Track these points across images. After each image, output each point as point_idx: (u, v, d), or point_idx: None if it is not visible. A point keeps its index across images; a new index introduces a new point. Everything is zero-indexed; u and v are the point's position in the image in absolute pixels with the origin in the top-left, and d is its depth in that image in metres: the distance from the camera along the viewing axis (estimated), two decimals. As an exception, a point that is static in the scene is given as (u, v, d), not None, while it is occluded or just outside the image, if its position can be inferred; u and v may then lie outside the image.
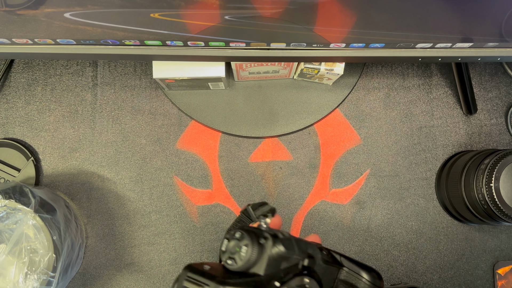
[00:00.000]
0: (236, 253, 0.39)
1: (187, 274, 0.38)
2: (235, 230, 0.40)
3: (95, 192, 0.81)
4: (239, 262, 0.38)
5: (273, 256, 0.39)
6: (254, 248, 0.38)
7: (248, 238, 0.39)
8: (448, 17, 0.54)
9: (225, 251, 0.39)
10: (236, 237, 0.39)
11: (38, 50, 0.61)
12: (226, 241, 0.40)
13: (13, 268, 0.64)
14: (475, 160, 0.73)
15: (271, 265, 0.39)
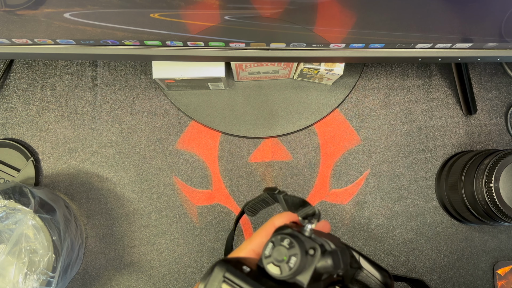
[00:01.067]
0: (283, 261, 0.36)
1: (225, 274, 0.36)
2: (282, 236, 0.37)
3: (95, 192, 0.81)
4: (285, 273, 0.36)
5: (318, 269, 0.37)
6: (303, 259, 0.36)
7: (298, 248, 0.36)
8: (447, 17, 0.54)
9: (268, 256, 0.37)
10: (284, 244, 0.37)
11: (37, 50, 0.61)
12: (271, 245, 0.37)
13: (12, 268, 0.64)
14: (475, 161, 0.73)
15: (314, 277, 0.37)
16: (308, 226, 0.39)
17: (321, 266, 0.37)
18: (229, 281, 0.35)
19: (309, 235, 0.38)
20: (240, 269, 0.36)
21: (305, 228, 0.39)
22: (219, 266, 0.36)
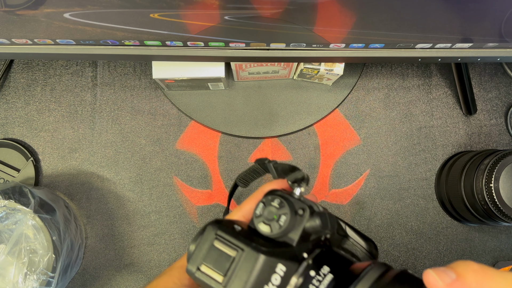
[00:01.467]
0: (273, 220, 0.38)
1: (217, 232, 0.37)
2: (272, 196, 0.39)
3: (95, 193, 0.81)
4: (275, 231, 0.37)
5: (307, 229, 0.38)
6: (292, 218, 0.37)
7: (288, 207, 0.38)
8: (447, 17, 0.54)
9: (259, 216, 0.38)
10: (274, 204, 0.38)
11: (37, 51, 0.61)
12: (262, 205, 0.38)
13: (12, 269, 0.64)
14: (474, 161, 0.73)
15: (303, 237, 0.38)
16: (298, 189, 0.41)
17: (309, 226, 0.38)
18: (221, 238, 0.36)
19: (299, 198, 0.40)
20: (231, 227, 0.37)
21: (294, 191, 0.41)
22: (211, 225, 0.37)
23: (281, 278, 0.36)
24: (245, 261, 0.35)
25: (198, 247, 0.37)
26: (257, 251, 0.35)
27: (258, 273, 0.35)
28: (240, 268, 0.35)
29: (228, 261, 0.35)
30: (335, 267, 0.38)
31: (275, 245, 0.37)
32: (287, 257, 0.37)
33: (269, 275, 0.35)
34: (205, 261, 0.36)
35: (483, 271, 0.36)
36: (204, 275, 0.36)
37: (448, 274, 0.35)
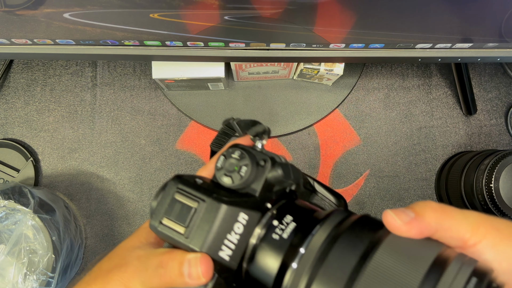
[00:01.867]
0: (234, 172, 0.38)
1: (178, 185, 0.37)
2: (233, 148, 0.39)
3: (95, 193, 0.81)
4: (236, 181, 0.37)
5: (269, 179, 0.39)
6: (253, 169, 0.38)
7: (248, 158, 0.38)
8: (447, 17, 0.54)
9: (221, 168, 0.38)
10: (235, 156, 0.38)
11: (37, 51, 0.61)
12: (222, 158, 0.39)
13: (12, 269, 0.64)
14: (474, 161, 0.73)
15: (265, 187, 0.38)
16: (259, 142, 0.41)
17: (272, 176, 0.38)
18: (182, 191, 0.36)
19: (261, 150, 0.40)
20: (193, 181, 0.37)
21: (256, 144, 0.41)
22: (172, 180, 0.37)
23: (243, 227, 0.37)
24: (206, 212, 0.35)
25: (159, 202, 0.37)
26: (219, 201, 0.35)
27: (220, 222, 0.35)
28: (202, 218, 0.35)
29: (189, 212, 0.36)
30: (298, 216, 0.39)
31: (238, 195, 0.38)
32: (249, 206, 0.37)
33: (231, 224, 0.36)
34: (166, 214, 0.36)
35: (442, 209, 0.36)
36: (167, 228, 0.36)
37: (407, 213, 0.35)
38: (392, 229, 0.35)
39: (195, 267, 0.35)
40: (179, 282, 0.36)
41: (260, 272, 0.37)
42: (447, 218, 0.36)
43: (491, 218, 0.37)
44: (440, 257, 0.32)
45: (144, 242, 0.42)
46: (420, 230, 0.35)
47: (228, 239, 0.36)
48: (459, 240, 0.36)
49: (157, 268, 0.37)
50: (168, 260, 0.37)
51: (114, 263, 0.41)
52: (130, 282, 0.38)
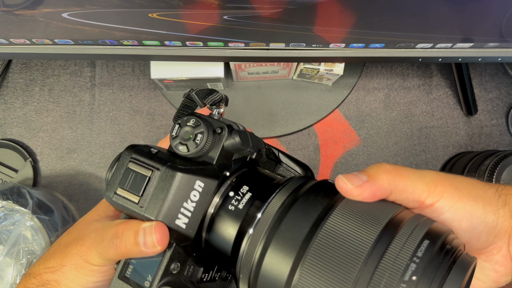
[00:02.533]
0: (189, 140, 0.37)
1: (132, 155, 0.36)
2: (188, 117, 0.39)
3: (93, 193, 0.80)
4: (192, 149, 0.37)
5: (227, 147, 0.39)
6: (210, 136, 0.38)
7: (203, 126, 0.38)
8: (448, 17, 0.54)
9: (175, 137, 0.38)
10: (190, 124, 0.38)
11: (36, 50, 0.61)
12: (177, 126, 0.38)
13: (10, 270, 0.64)
14: (475, 161, 0.73)
15: (223, 155, 0.38)
16: (216, 110, 0.41)
17: (229, 144, 0.39)
18: (136, 161, 0.36)
19: (218, 118, 0.40)
20: (147, 151, 0.37)
21: (213, 113, 0.41)
22: (126, 150, 0.37)
23: (200, 195, 0.36)
24: (161, 180, 0.35)
25: (114, 173, 0.37)
26: (173, 169, 0.35)
27: (175, 190, 0.35)
28: (157, 187, 0.35)
29: (143, 181, 0.35)
30: (256, 185, 0.39)
31: (194, 164, 0.37)
32: (205, 174, 0.37)
33: (187, 192, 0.36)
34: (121, 184, 0.36)
35: (396, 170, 0.35)
36: (121, 198, 0.36)
37: (359, 176, 0.35)
38: (344, 193, 0.34)
39: (150, 235, 0.35)
40: (135, 251, 0.36)
41: (219, 240, 0.37)
42: (401, 178, 0.35)
43: (449, 176, 0.36)
44: (394, 219, 0.32)
45: (102, 215, 0.42)
46: (373, 193, 0.34)
47: (184, 207, 0.36)
48: (415, 201, 0.35)
49: (112, 239, 0.37)
50: (124, 230, 0.37)
51: (72, 237, 0.41)
52: (88, 254, 0.38)
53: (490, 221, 0.35)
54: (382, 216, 0.32)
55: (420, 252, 0.30)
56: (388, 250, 0.30)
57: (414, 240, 0.30)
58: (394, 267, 0.29)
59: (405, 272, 0.29)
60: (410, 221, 0.32)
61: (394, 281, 0.29)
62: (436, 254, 0.30)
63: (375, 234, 0.31)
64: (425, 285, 0.29)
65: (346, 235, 0.32)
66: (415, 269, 0.29)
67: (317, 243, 0.32)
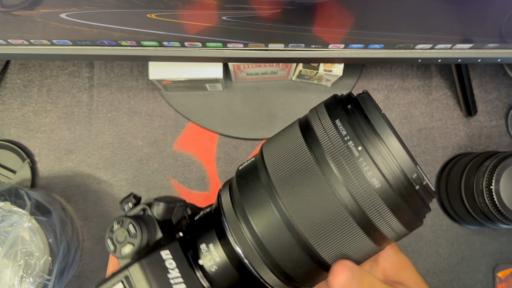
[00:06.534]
0: (126, 238, 0.37)
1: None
2: (109, 228, 0.38)
3: (91, 194, 0.80)
4: (136, 242, 0.36)
5: (160, 216, 0.39)
6: (139, 223, 0.37)
7: (127, 220, 0.37)
8: (448, 18, 0.54)
9: (115, 246, 0.37)
10: (115, 228, 0.37)
11: (34, 51, 0.60)
12: (109, 241, 0.37)
13: (8, 271, 0.63)
14: (475, 162, 0.73)
15: (164, 227, 0.39)
16: (126, 206, 0.41)
17: (159, 213, 0.39)
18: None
19: (129, 210, 0.40)
20: (103, 278, 0.37)
21: (125, 208, 0.41)
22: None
23: (173, 260, 0.37)
24: (134, 279, 0.35)
25: None
26: (134, 262, 0.35)
27: (151, 275, 0.35)
28: (137, 285, 0.35)
29: None
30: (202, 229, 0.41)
31: (148, 247, 0.38)
32: (162, 245, 0.37)
33: (162, 266, 0.36)
34: None
35: None
36: None
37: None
38: (331, 280, 0.35)
39: None
40: None
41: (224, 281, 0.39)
42: None
43: None
44: (301, 121, 0.38)
45: None
46: None
47: (172, 279, 0.36)
48: None
49: None
50: None
51: None
52: None
53: None
54: (294, 125, 0.38)
55: (342, 130, 0.34)
56: (322, 145, 0.34)
57: (328, 124, 0.35)
58: (340, 154, 0.33)
59: (351, 151, 0.33)
60: (310, 113, 0.37)
61: (353, 162, 0.33)
62: (350, 117, 0.34)
63: (301, 140, 0.36)
64: (371, 145, 0.33)
65: (287, 160, 0.36)
66: (353, 142, 0.33)
67: (274, 178, 0.36)
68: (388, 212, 0.33)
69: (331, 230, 0.34)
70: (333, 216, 0.33)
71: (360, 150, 0.33)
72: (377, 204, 0.33)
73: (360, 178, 0.33)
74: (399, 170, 0.33)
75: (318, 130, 0.35)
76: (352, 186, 0.33)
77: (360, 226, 0.33)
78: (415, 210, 0.34)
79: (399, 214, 0.33)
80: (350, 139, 0.33)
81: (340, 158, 0.33)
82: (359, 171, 0.32)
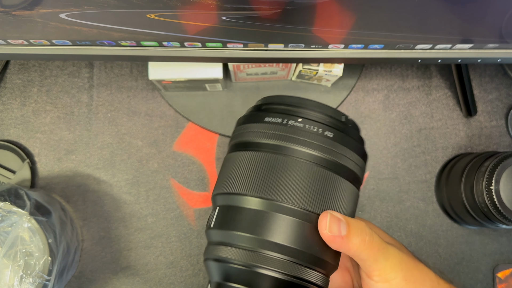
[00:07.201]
0: None
1: None
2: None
3: (91, 195, 0.80)
4: None
5: None
6: None
7: None
8: (448, 18, 0.54)
9: None
10: None
11: (33, 51, 0.60)
12: None
13: (8, 271, 0.63)
14: (475, 163, 0.73)
15: None
16: None
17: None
18: None
19: None
20: None
21: None
22: None
23: None
24: None
25: None
26: None
27: None
28: None
29: None
30: None
31: None
32: None
33: None
34: None
35: (370, 243, 0.40)
36: None
37: (340, 227, 0.39)
38: (319, 229, 0.39)
39: None
40: None
41: None
42: (369, 253, 0.40)
43: (409, 266, 0.42)
44: None
45: None
46: (338, 247, 0.39)
47: None
48: (365, 271, 0.41)
49: None
50: None
51: None
52: None
53: None
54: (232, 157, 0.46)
55: (276, 119, 0.43)
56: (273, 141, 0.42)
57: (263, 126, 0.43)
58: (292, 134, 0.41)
59: (296, 127, 0.42)
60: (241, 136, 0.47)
61: (305, 132, 0.41)
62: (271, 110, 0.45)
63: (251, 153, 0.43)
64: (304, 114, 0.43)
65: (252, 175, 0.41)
66: (292, 120, 0.42)
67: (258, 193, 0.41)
68: (346, 149, 0.42)
69: (320, 190, 0.40)
70: (317, 178, 0.40)
71: (300, 121, 0.41)
72: (338, 148, 0.41)
73: (319, 139, 0.41)
74: (332, 118, 0.43)
75: (260, 135, 0.42)
76: (319, 148, 0.40)
77: (334, 172, 0.41)
78: (355, 138, 0.44)
79: (351, 147, 0.42)
80: (287, 120, 0.41)
81: (294, 136, 0.41)
82: (314, 134, 0.41)
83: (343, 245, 0.39)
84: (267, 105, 0.46)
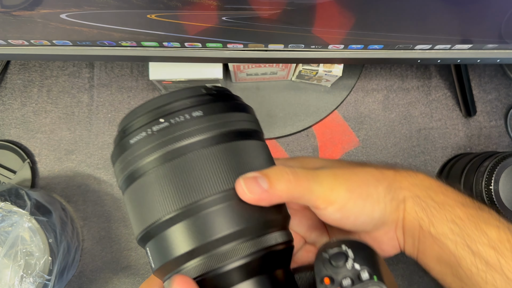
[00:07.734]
0: None
1: None
2: None
3: (91, 195, 0.80)
4: None
5: None
6: None
7: None
8: (447, 18, 0.54)
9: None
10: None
11: (34, 51, 0.60)
12: None
13: (8, 271, 0.63)
14: (474, 163, 0.73)
15: None
16: None
17: None
18: None
19: None
20: None
21: None
22: None
23: None
24: None
25: None
26: None
27: None
28: None
29: None
30: None
31: None
32: None
33: None
34: None
35: (295, 179, 0.39)
36: None
37: (259, 184, 0.37)
38: (242, 198, 0.37)
39: None
40: None
41: None
42: (299, 188, 0.39)
43: (345, 176, 0.41)
44: None
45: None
46: (269, 202, 0.38)
47: None
48: (311, 206, 0.40)
49: None
50: None
51: None
52: None
53: (376, 217, 0.42)
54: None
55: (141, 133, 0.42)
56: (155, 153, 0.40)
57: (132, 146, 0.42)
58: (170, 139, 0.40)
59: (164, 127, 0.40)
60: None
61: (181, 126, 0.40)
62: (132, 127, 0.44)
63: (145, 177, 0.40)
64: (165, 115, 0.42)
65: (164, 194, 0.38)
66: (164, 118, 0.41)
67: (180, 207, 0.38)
68: (222, 116, 0.41)
69: (224, 165, 0.38)
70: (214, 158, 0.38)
71: (163, 121, 0.40)
72: (214, 120, 0.40)
73: (191, 123, 0.39)
74: (191, 97, 0.42)
75: (137, 159, 0.40)
76: (197, 131, 0.39)
77: (224, 142, 0.39)
78: (225, 99, 0.45)
79: (226, 109, 0.43)
80: (150, 128, 0.41)
81: (167, 137, 0.39)
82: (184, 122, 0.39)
83: (273, 196, 0.37)
84: (125, 128, 0.44)
